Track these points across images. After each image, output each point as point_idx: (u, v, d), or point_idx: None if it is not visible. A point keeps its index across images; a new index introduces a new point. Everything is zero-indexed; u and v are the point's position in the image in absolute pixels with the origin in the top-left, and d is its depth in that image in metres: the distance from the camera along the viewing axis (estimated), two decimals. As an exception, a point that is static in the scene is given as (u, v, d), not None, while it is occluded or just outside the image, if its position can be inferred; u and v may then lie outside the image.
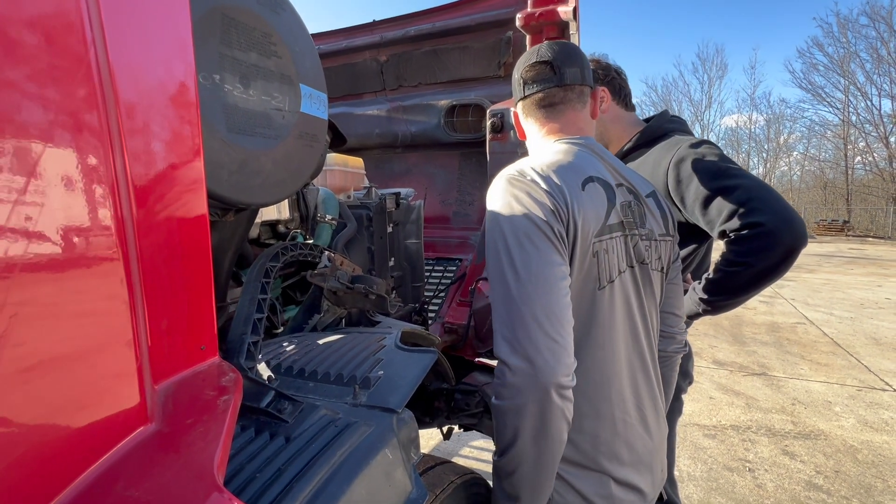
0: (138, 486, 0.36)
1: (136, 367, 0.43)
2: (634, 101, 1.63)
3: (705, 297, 1.20)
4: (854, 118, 23.12)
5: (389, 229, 1.83)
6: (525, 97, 0.97)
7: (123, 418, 0.40)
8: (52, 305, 0.39)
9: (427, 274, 2.39)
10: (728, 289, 1.16)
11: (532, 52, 0.97)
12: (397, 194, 1.90)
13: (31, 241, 0.37)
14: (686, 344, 1.09)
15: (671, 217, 1.00)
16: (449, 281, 2.38)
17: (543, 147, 0.95)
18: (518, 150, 2.12)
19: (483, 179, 2.74)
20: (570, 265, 0.78)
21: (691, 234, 1.31)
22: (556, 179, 0.79)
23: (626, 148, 1.47)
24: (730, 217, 1.10)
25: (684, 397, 1.59)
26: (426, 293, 2.13)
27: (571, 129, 0.95)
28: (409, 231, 2.01)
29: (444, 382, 1.76)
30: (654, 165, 1.32)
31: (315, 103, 0.99)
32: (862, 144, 23.43)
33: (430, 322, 2.09)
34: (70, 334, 0.40)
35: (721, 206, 1.13)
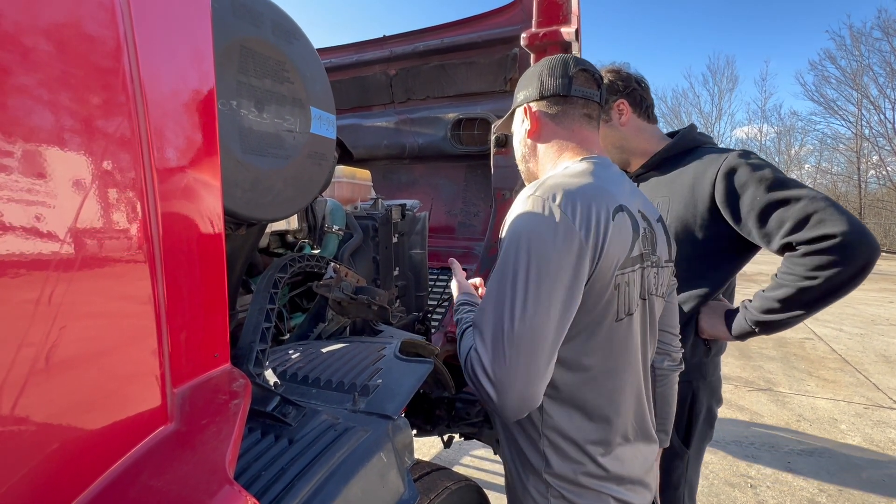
0: (160, 478, 0.41)
1: (159, 372, 0.48)
2: None
3: (764, 318, 1.15)
4: (867, 132, 22.91)
5: (395, 240, 1.88)
6: (568, 96, 0.89)
7: (147, 418, 0.45)
8: (88, 312, 0.44)
9: (431, 283, 2.44)
10: (797, 305, 1.10)
11: (575, 58, 0.91)
12: (403, 206, 1.96)
13: (76, 261, 0.42)
14: (681, 362, 1.08)
15: (673, 245, 1.00)
16: (452, 291, 2.42)
17: (567, 163, 0.89)
18: (522, 164, 2.18)
19: (488, 191, 2.79)
20: (589, 296, 0.76)
21: (734, 251, 1.26)
22: (587, 208, 0.75)
23: (653, 160, 1.39)
24: (795, 229, 1.06)
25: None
26: (430, 302, 2.18)
27: (596, 148, 0.92)
28: (413, 241, 2.06)
29: (444, 391, 1.80)
30: (696, 177, 1.26)
31: (324, 124, 1.05)
32: (875, 158, 23.18)
33: (433, 331, 2.13)
34: (104, 339, 0.45)
35: (782, 217, 1.08)
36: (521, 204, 0.79)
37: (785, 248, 1.11)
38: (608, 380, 0.81)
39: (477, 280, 1.15)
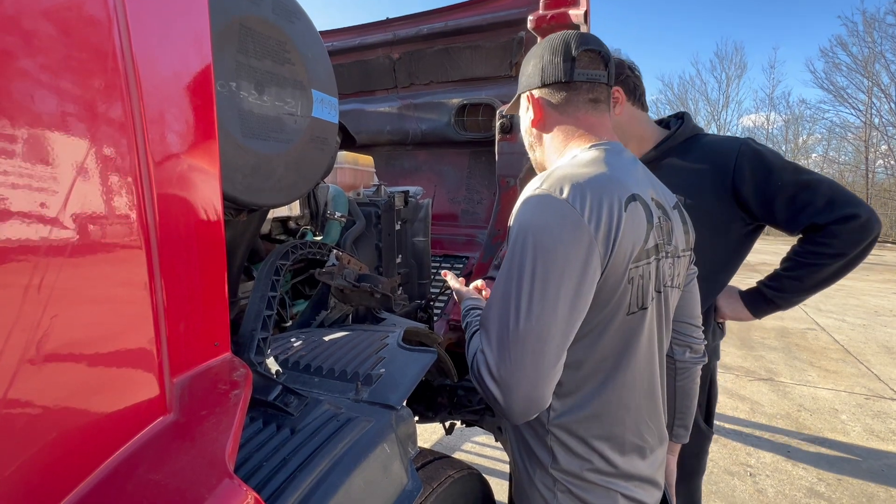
0: (159, 471, 0.40)
1: (157, 361, 0.47)
2: (650, 99, 1.55)
3: (789, 296, 1.24)
4: (877, 120, 22.56)
5: (397, 227, 1.86)
6: (571, 82, 0.83)
7: (146, 408, 0.44)
8: (83, 300, 0.42)
9: (434, 271, 2.43)
10: (820, 281, 1.19)
11: (578, 37, 0.84)
12: (406, 192, 1.94)
13: (67, 248, 0.41)
14: (704, 354, 1.03)
15: (692, 232, 0.96)
16: (455, 279, 2.41)
17: (575, 152, 0.84)
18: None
19: (492, 178, 2.76)
20: (602, 291, 0.73)
21: (746, 235, 1.28)
22: (597, 199, 0.71)
23: (659, 151, 1.36)
24: (824, 210, 1.14)
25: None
26: (432, 290, 2.17)
27: (605, 133, 0.86)
28: (416, 229, 2.04)
29: (446, 379, 1.80)
30: (710, 164, 1.25)
31: (326, 107, 1.02)
32: (884, 147, 22.87)
33: (435, 319, 2.12)
34: (100, 328, 0.44)
35: (809, 199, 1.15)
36: (528, 198, 0.76)
37: (809, 229, 1.18)
38: (618, 375, 0.79)
39: (479, 282, 1.13)
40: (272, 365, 0.80)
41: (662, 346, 0.89)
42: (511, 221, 0.79)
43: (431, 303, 1.97)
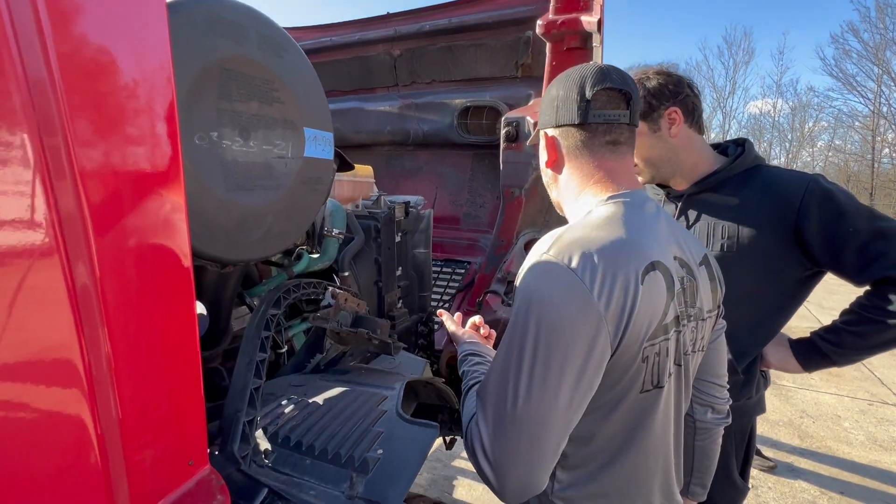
0: None
1: (114, 512, 0.40)
2: None
3: (849, 353, 1.13)
4: (885, 109, 22.15)
5: (398, 238, 1.79)
6: (586, 124, 0.77)
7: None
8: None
9: (434, 275, 2.36)
10: (884, 341, 1.08)
11: (596, 72, 0.77)
12: (407, 203, 1.86)
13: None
14: (728, 414, 0.96)
15: (721, 288, 0.88)
16: (456, 285, 2.34)
17: (591, 203, 0.78)
18: (533, 161, 2.05)
19: (495, 182, 2.67)
20: (613, 371, 0.68)
21: (805, 280, 1.17)
22: (610, 272, 0.64)
23: (714, 180, 1.22)
24: None
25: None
26: (433, 295, 2.11)
27: (626, 179, 0.79)
28: (417, 240, 1.97)
29: (446, 402, 1.75)
30: (772, 201, 1.14)
31: (320, 144, 0.94)
32: (891, 136, 22.53)
33: (436, 329, 2.07)
34: (31, 465, 0.37)
35: (883, 249, 1.04)
36: (535, 264, 0.69)
37: (880, 282, 1.07)
38: (630, 454, 0.74)
39: (477, 319, 1.06)
40: (261, 442, 0.74)
41: (680, 416, 0.83)
42: (517, 282, 0.72)
43: (432, 316, 1.90)
